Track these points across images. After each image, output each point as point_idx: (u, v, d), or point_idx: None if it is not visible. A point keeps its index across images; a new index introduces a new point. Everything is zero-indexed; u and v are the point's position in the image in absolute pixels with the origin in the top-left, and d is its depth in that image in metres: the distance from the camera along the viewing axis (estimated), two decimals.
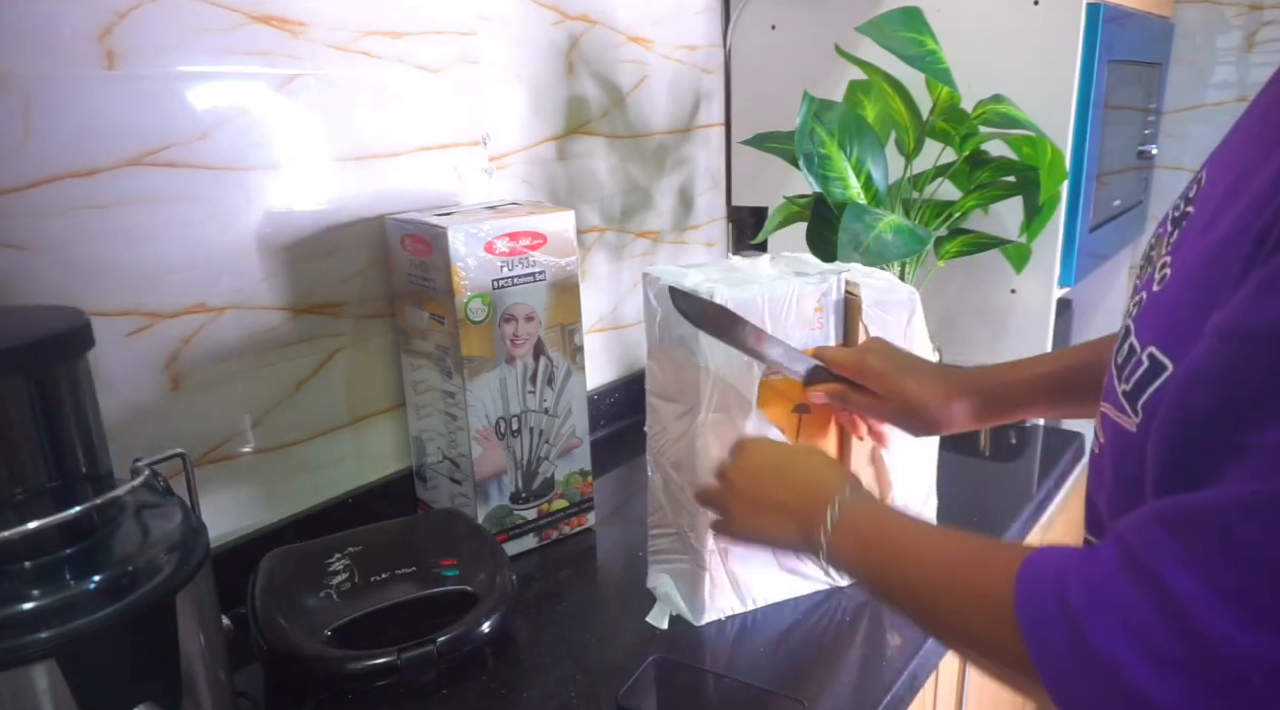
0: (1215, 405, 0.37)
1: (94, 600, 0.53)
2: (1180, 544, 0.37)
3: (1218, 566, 0.35)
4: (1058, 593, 0.41)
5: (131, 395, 0.81)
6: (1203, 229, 0.42)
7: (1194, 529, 0.37)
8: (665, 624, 0.85)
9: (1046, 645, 0.41)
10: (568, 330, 0.99)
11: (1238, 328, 0.36)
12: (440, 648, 0.74)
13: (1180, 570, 0.36)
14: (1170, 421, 0.40)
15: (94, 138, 0.76)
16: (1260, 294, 0.35)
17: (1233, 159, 0.44)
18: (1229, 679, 0.34)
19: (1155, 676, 0.36)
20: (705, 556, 0.82)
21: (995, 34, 1.24)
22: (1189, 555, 0.36)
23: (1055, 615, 0.41)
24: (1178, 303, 0.42)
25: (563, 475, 1.03)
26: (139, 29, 0.77)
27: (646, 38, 1.33)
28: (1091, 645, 0.38)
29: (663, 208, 1.42)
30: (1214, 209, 0.42)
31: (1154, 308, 0.44)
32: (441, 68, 1.04)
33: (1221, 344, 0.37)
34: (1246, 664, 0.34)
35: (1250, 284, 0.36)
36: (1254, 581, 0.34)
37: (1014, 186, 1.15)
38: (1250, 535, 0.34)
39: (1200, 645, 0.35)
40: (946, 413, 0.76)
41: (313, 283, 0.94)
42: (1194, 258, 0.42)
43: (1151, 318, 0.44)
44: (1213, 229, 0.41)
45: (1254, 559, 0.34)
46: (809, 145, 1.07)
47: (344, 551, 0.86)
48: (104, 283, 0.78)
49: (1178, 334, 0.41)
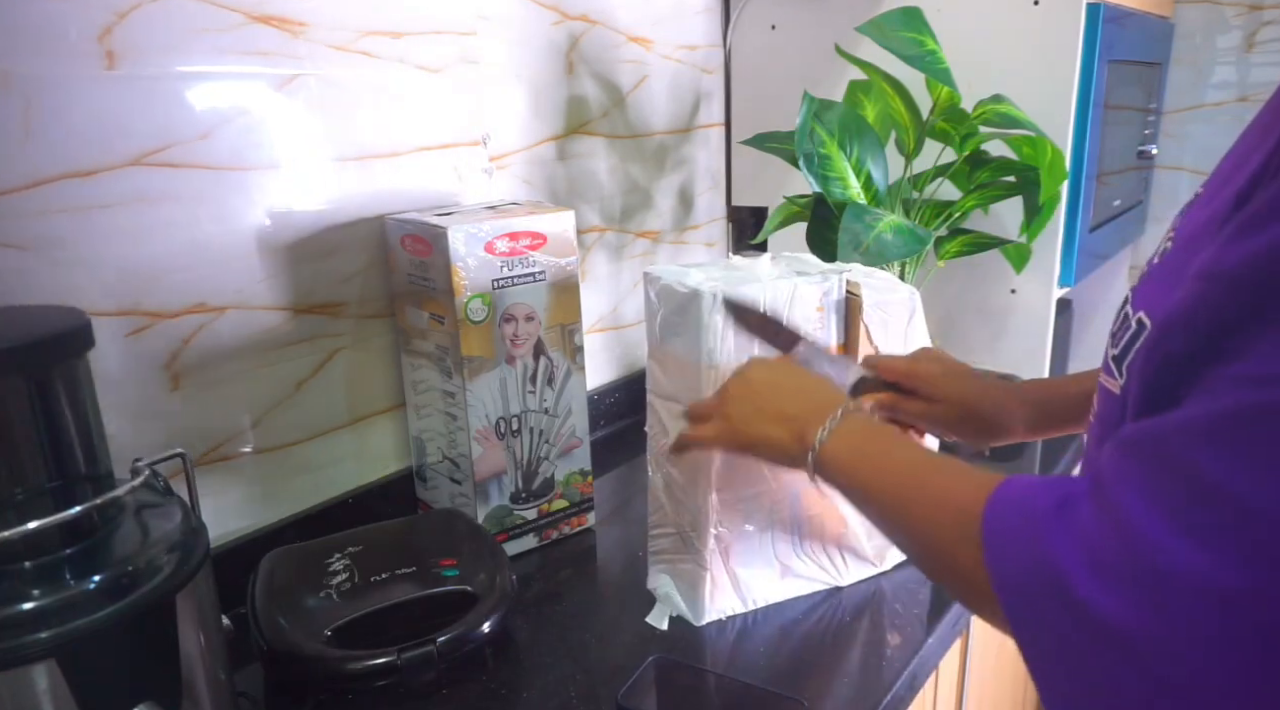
0: (1186, 347, 0.38)
1: (94, 600, 0.53)
2: (1135, 464, 0.38)
3: (1166, 486, 0.36)
4: (1023, 507, 0.43)
5: (131, 395, 0.81)
6: (1203, 205, 0.44)
7: (1149, 449, 0.38)
8: (665, 625, 0.85)
9: (1004, 560, 0.42)
10: (568, 330, 0.99)
11: (1210, 271, 0.37)
12: (440, 648, 0.74)
13: (1133, 490, 0.37)
14: (1145, 370, 0.41)
15: (94, 138, 0.76)
16: (1230, 240, 0.36)
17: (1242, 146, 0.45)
18: (1168, 595, 0.35)
19: (1100, 590, 0.37)
20: (706, 556, 0.82)
21: (995, 34, 1.23)
22: (1142, 475, 0.37)
23: (1016, 533, 0.42)
24: (1169, 270, 0.43)
25: (563, 475, 1.03)
26: (139, 29, 0.77)
27: (646, 38, 1.33)
28: (1046, 559, 0.39)
29: (663, 208, 1.42)
30: (1214, 188, 0.43)
31: (1150, 277, 0.46)
32: (441, 68, 1.04)
33: (1195, 286, 0.38)
34: (1185, 581, 0.34)
35: (1226, 231, 0.37)
36: (1199, 501, 0.35)
37: (1014, 186, 1.15)
38: (1198, 455, 0.35)
39: (1145, 562, 0.35)
40: (1007, 417, 0.75)
41: (313, 283, 0.94)
42: (1189, 231, 0.44)
43: (1145, 287, 0.45)
44: (1210, 205, 0.42)
45: (1200, 479, 0.35)
46: (809, 145, 1.07)
47: (344, 551, 0.86)
48: (104, 283, 0.78)
49: (1161, 295, 0.42)
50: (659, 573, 0.89)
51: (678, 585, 0.87)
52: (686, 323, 0.79)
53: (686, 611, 0.86)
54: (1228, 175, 0.43)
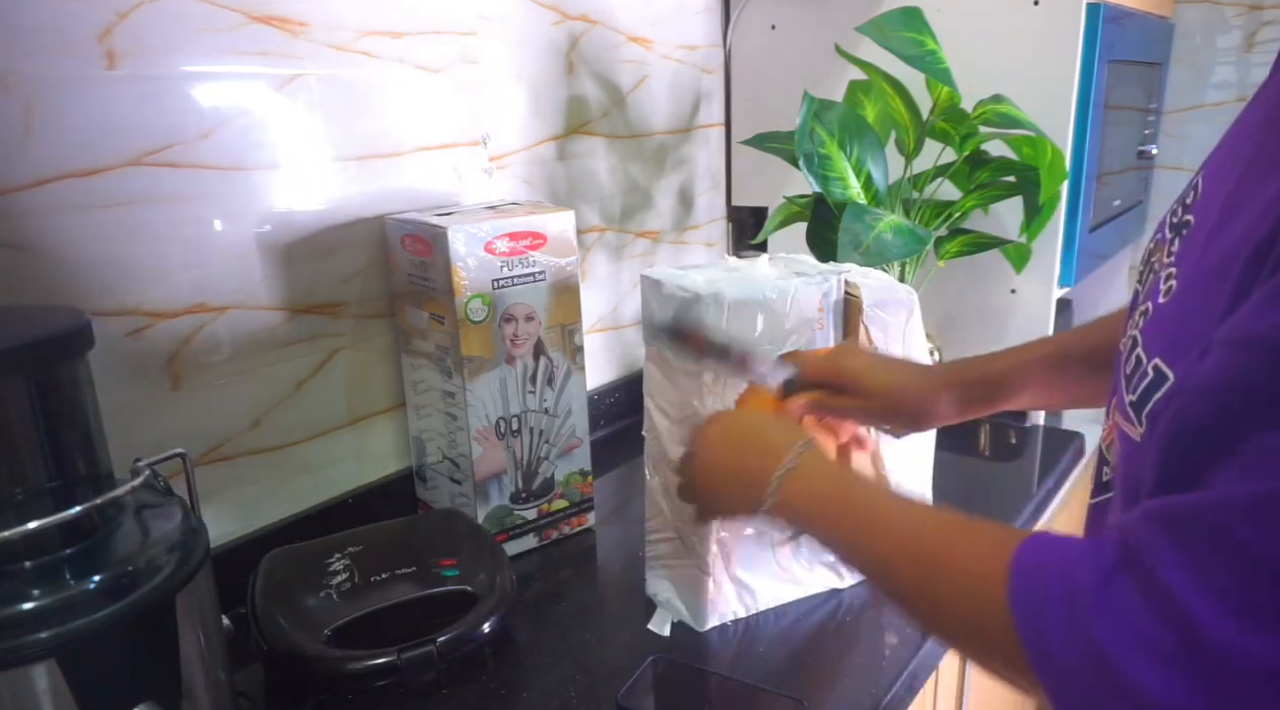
0: (1215, 412, 0.37)
1: (94, 600, 0.53)
2: (1177, 544, 0.37)
3: (1214, 567, 0.35)
4: (1059, 587, 0.41)
5: (131, 395, 0.81)
6: (1205, 242, 0.43)
7: (1191, 529, 0.37)
8: (667, 630, 0.84)
9: (1044, 638, 0.41)
10: (568, 330, 0.99)
11: (1242, 337, 0.37)
12: (440, 648, 0.74)
13: (1178, 571, 0.36)
14: (1171, 429, 0.40)
15: (94, 138, 0.76)
16: (1264, 305, 0.36)
17: (1230, 166, 0.44)
18: (1225, 679, 0.34)
19: (1154, 675, 0.36)
20: (708, 561, 0.82)
21: (995, 34, 1.23)
22: (1187, 555, 0.36)
23: (1056, 611, 0.41)
24: (1181, 316, 0.42)
25: (563, 475, 1.03)
26: (139, 29, 0.77)
27: (646, 38, 1.33)
28: (1093, 643, 0.38)
29: (663, 208, 1.42)
30: (1215, 222, 0.42)
31: (1159, 320, 0.44)
32: (441, 68, 1.04)
33: (1225, 353, 0.37)
34: (1242, 664, 0.34)
35: (1255, 297, 0.37)
36: (1249, 582, 0.34)
37: (1014, 186, 1.15)
38: (1246, 535, 0.35)
39: (1197, 645, 0.35)
40: (931, 404, 0.76)
41: (313, 283, 0.94)
42: (1197, 271, 0.43)
43: (1156, 330, 0.44)
44: (1215, 243, 0.41)
45: (1250, 559, 0.34)
46: (809, 145, 1.07)
47: (344, 551, 0.86)
48: (104, 283, 0.78)
49: (1180, 346, 0.41)
50: (659, 578, 0.89)
51: (678, 590, 0.86)
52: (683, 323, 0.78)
53: (688, 617, 0.85)
54: (1228, 204, 0.42)
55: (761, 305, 0.79)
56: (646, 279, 0.83)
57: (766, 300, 0.79)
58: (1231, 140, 0.46)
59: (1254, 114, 0.45)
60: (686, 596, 0.85)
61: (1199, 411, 0.38)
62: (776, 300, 0.79)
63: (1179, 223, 0.47)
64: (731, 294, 0.77)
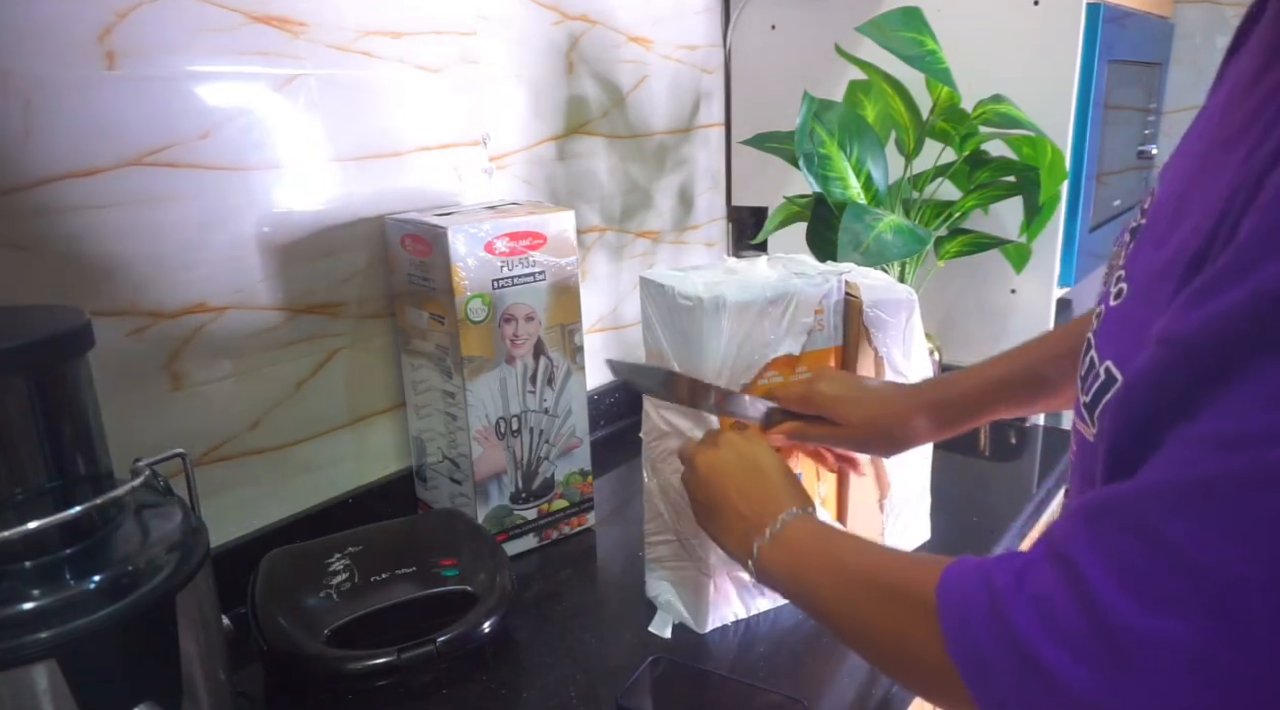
0: (1151, 410, 0.38)
1: (94, 600, 0.53)
2: (1094, 532, 0.38)
3: (1126, 554, 0.36)
4: (980, 584, 0.42)
5: (131, 395, 0.81)
6: (1154, 244, 0.43)
7: (1108, 518, 0.38)
8: (668, 633, 0.84)
9: (963, 623, 0.42)
10: (568, 330, 0.99)
11: (1167, 337, 0.37)
12: (440, 648, 0.74)
13: (1090, 554, 0.37)
14: (1115, 427, 0.41)
15: (94, 138, 0.76)
16: (1185, 304, 0.37)
17: (1180, 170, 0.45)
18: (1132, 662, 0.35)
19: (1067, 660, 0.37)
20: (710, 563, 0.82)
21: (995, 34, 1.23)
22: (1102, 543, 0.37)
23: (976, 604, 0.42)
24: (1129, 319, 0.43)
25: (563, 475, 1.03)
26: (139, 29, 0.77)
27: (646, 38, 1.33)
28: (1009, 629, 0.39)
29: (663, 208, 1.42)
30: (1165, 226, 0.43)
31: (1110, 322, 0.45)
32: (441, 68, 1.04)
33: (1154, 351, 0.38)
34: (1152, 650, 0.34)
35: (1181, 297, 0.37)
36: (1160, 568, 0.35)
37: (1014, 186, 1.15)
38: (1154, 520, 0.35)
39: (1106, 629, 0.36)
40: (907, 430, 0.77)
41: (313, 283, 0.94)
42: (1144, 273, 0.43)
43: (1107, 332, 0.45)
44: (1162, 246, 0.42)
45: (1161, 546, 0.35)
46: (809, 145, 1.07)
47: (344, 551, 0.86)
48: (104, 283, 0.78)
49: (1126, 348, 0.42)
50: (659, 580, 0.88)
51: (679, 592, 0.86)
52: (685, 329, 0.78)
53: (689, 619, 0.85)
54: (1175, 209, 0.42)
55: (762, 308, 0.78)
56: (646, 281, 0.82)
57: (767, 301, 0.79)
58: (1187, 142, 0.47)
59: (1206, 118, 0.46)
60: (687, 598, 0.85)
61: (1135, 409, 0.39)
62: (777, 303, 0.79)
63: (1135, 227, 0.48)
64: (733, 297, 0.77)
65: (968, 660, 0.41)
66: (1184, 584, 0.34)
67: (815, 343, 0.82)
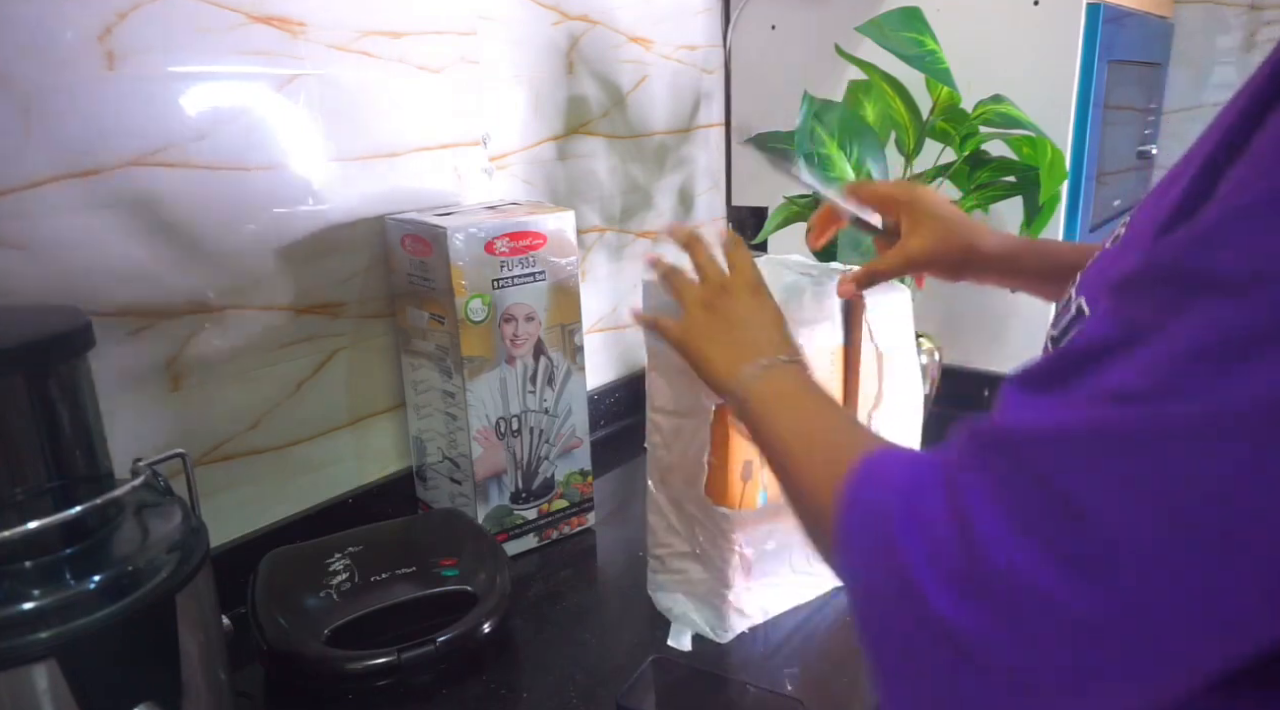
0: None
1: (94, 600, 0.53)
2: (987, 467, 0.37)
3: (1014, 494, 0.35)
4: (884, 481, 0.43)
5: (131, 395, 0.81)
6: (1156, 196, 0.44)
7: (1003, 454, 0.37)
8: (688, 645, 0.82)
9: (854, 530, 0.43)
10: (568, 330, 0.99)
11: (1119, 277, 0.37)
12: (440, 648, 0.74)
13: (982, 494, 0.37)
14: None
15: (94, 138, 0.76)
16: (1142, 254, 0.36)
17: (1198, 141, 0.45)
18: (1012, 606, 0.34)
19: (945, 594, 0.36)
20: (729, 574, 0.80)
21: (995, 34, 1.23)
22: (993, 480, 0.37)
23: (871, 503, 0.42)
24: (1114, 260, 0.44)
25: (563, 475, 1.03)
26: (139, 29, 0.77)
27: (646, 38, 1.33)
28: (890, 544, 0.39)
29: (663, 208, 1.42)
30: (1169, 177, 0.43)
31: (1098, 261, 0.46)
32: (441, 68, 1.04)
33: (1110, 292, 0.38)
34: (1029, 593, 0.34)
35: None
36: (1048, 515, 0.34)
37: (1014, 186, 1.15)
38: (1045, 464, 0.35)
39: (990, 573, 0.35)
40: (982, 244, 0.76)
41: (313, 283, 0.94)
42: (1140, 221, 0.44)
43: (1092, 270, 0.45)
44: (1163, 198, 0.42)
45: (1050, 493, 0.34)
46: (809, 145, 1.07)
47: (344, 551, 0.86)
48: (104, 283, 0.78)
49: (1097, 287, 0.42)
50: (671, 594, 0.86)
51: (695, 604, 0.84)
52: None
53: (708, 630, 0.83)
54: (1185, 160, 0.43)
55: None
56: (649, 285, 0.82)
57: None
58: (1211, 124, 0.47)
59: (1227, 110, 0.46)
60: (705, 610, 0.84)
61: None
62: (779, 300, 0.79)
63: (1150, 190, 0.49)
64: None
65: (851, 560, 0.42)
66: (1070, 536, 0.33)
67: (815, 341, 0.82)
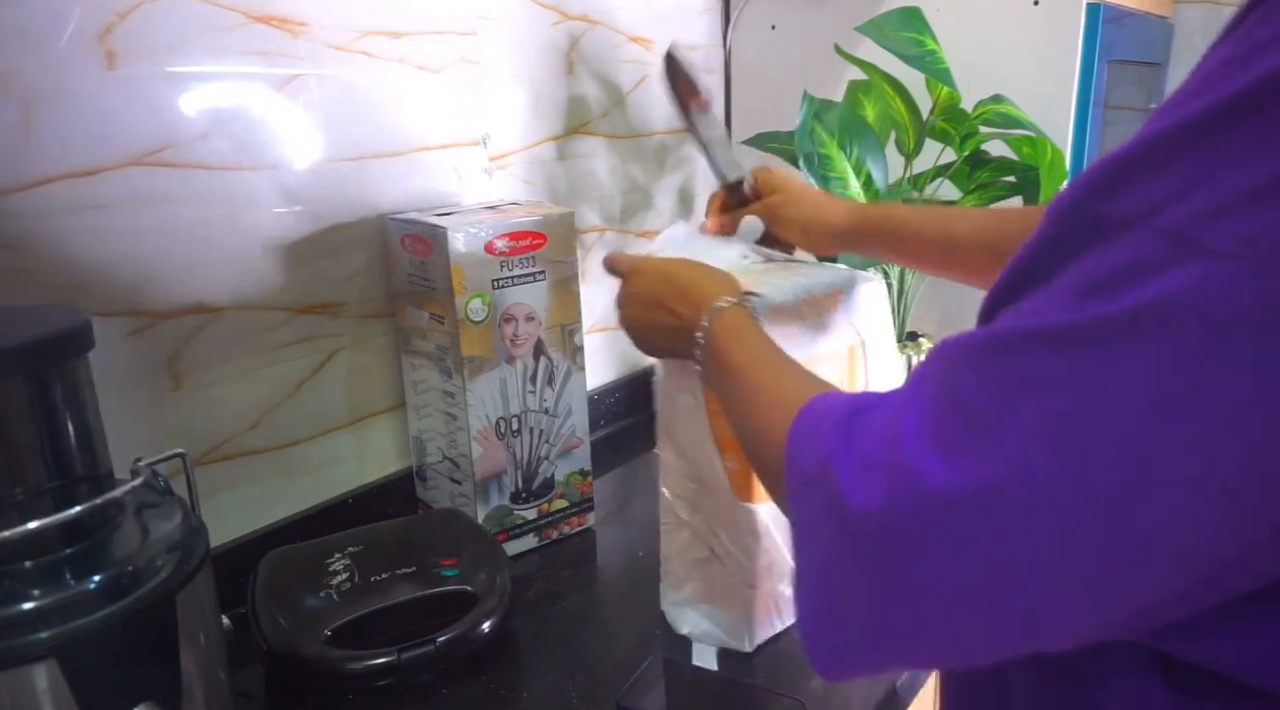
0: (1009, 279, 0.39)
1: (94, 600, 0.53)
2: (922, 381, 0.39)
3: (934, 401, 0.37)
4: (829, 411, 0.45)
5: (131, 395, 0.81)
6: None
7: (934, 369, 0.39)
8: (715, 664, 0.80)
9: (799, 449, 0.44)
10: (568, 330, 0.99)
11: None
12: (440, 648, 0.74)
13: (914, 403, 0.38)
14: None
15: (94, 138, 0.76)
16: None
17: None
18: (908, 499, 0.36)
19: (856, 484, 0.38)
20: (757, 577, 0.78)
21: (995, 34, 1.23)
22: (924, 392, 0.39)
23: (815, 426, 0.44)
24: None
25: (563, 475, 1.03)
26: (139, 29, 0.77)
27: (646, 38, 1.33)
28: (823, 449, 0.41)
29: (663, 208, 1.42)
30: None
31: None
32: (441, 68, 1.04)
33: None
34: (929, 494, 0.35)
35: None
36: (954, 419, 0.36)
37: (1014, 186, 1.15)
38: (958, 376, 0.36)
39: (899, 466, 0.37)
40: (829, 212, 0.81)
41: (313, 283, 0.94)
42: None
43: None
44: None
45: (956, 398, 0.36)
46: (809, 145, 1.07)
47: (344, 551, 0.86)
48: (104, 283, 0.78)
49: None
50: (688, 610, 0.84)
51: (716, 618, 0.82)
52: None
53: (732, 642, 0.81)
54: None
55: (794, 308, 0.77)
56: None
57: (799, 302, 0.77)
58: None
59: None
60: (727, 623, 0.81)
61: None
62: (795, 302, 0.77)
63: None
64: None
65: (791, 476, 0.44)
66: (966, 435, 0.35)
67: (816, 340, 0.82)
